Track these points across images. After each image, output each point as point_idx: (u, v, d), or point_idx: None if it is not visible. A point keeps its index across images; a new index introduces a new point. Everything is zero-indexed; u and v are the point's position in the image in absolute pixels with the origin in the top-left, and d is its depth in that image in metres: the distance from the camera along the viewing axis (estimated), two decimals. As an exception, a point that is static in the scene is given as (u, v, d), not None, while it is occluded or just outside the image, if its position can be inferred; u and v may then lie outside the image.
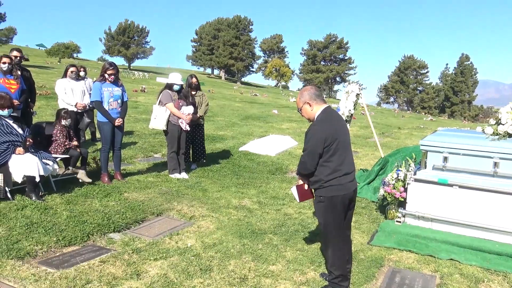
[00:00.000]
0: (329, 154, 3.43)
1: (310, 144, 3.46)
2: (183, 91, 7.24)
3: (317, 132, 3.44)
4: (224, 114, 20.00)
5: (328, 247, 3.70)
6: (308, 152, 3.48)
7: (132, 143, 9.88)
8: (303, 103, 3.61)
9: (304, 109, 3.64)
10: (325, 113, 3.56)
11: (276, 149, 10.31)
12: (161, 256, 4.04)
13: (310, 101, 3.58)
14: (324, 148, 3.41)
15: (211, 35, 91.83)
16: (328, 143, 3.41)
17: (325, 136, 3.40)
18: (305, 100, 3.60)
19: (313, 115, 3.59)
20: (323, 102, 3.61)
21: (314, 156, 3.44)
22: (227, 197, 6.23)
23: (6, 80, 6.58)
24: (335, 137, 3.45)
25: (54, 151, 5.95)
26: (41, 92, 18.72)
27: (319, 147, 3.41)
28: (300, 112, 3.71)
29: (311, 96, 3.59)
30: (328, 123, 3.50)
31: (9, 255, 3.75)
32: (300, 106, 3.66)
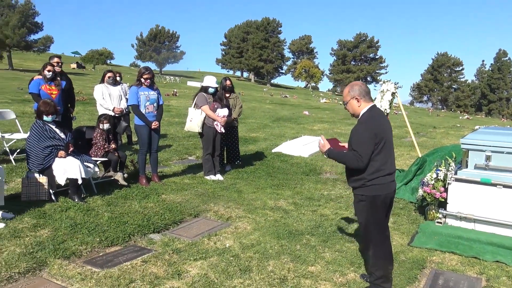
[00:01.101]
0: (375, 153, 3.37)
1: (361, 145, 3.35)
2: (218, 93, 7.31)
3: (367, 130, 3.36)
4: (255, 116, 20.07)
5: (368, 247, 3.65)
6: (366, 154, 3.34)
7: (167, 146, 10.05)
8: (352, 97, 3.52)
9: (351, 104, 3.54)
10: (372, 111, 3.49)
11: (309, 150, 10.25)
12: (200, 257, 4.08)
13: (359, 97, 3.49)
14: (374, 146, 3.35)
15: (240, 38, 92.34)
16: (377, 141, 3.35)
17: (375, 134, 3.34)
18: (354, 95, 3.51)
19: (359, 112, 3.52)
20: (370, 100, 3.55)
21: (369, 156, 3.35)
22: (262, 198, 6.24)
23: (48, 86, 6.86)
24: (383, 136, 3.39)
25: (94, 155, 6.13)
26: (78, 98, 19.29)
27: (370, 146, 3.34)
28: (345, 106, 3.63)
29: (361, 92, 3.50)
30: (377, 121, 3.43)
31: (56, 254, 3.88)
32: (347, 100, 3.56)
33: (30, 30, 57.78)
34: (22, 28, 55.32)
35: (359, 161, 3.36)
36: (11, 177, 6.22)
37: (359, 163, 3.37)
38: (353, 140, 3.45)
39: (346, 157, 3.48)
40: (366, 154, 3.34)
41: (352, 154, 3.40)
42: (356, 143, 3.40)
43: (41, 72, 6.93)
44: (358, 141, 3.38)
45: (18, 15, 55.12)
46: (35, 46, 59.32)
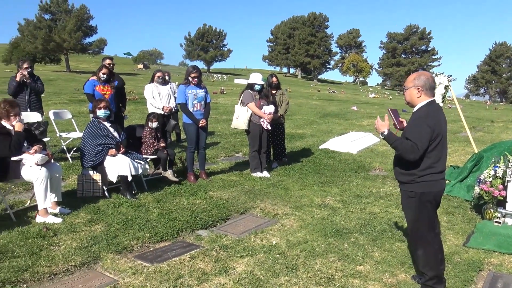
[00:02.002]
0: (430, 149, 3.23)
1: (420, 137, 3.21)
2: (264, 90, 7.31)
3: (426, 125, 3.22)
4: (302, 113, 19.91)
5: (418, 246, 3.51)
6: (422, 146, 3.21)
7: (214, 143, 10.19)
8: (414, 86, 3.36)
9: (410, 91, 3.38)
10: (431, 106, 3.33)
11: (357, 147, 10.04)
12: (247, 254, 4.09)
13: (422, 88, 3.33)
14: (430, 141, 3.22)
15: (286, 34, 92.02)
16: (433, 137, 3.21)
17: (433, 130, 3.20)
18: (418, 84, 3.35)
19: (416, 103, 3.37)
20: (432, 95, 3.39)
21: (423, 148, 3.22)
22: (309, 196, 6.17)
23: (102, 87, 7.14)
24: (439, 132, 3.24)
25: (144, 152, 6.31)
26: (130, 98, 20.02)
27: (427, 141, 3.20)
28: (404, 91, 3.49)
29: (425, 84, 3.34)
30: (436, 117, 3.27)
31: (109, 249, 4.03)
32: (408, 86, 3.40)
33: (85, 33, 60.51)
34: (78, 31, 58.05)
35: (415, 152, 3.21)
36: (68, 174, 6.54)
37: (414, 155, 3.22)
38: (410, 132, 3.30)
39: (403, 144, 3.28)
40: (422, 148, 3.21)
41: (411, 144, 3.25)
42: (414, 135, 3.25)
43: (96, 73, 7.23)
44: (417, 134, 3.23)
45: (74, 19, 57.87)
46: (90, 49, 62.04)
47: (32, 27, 57.97)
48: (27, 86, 7.23)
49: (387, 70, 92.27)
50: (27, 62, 7.31)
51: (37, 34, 56.63)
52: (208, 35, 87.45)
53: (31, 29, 57.61)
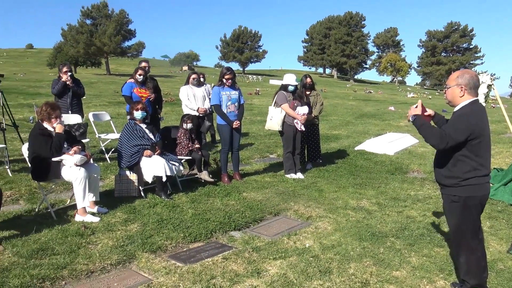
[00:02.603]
0: (471, 151, 3.10)
1: (454, 128, 3.11)
2: (298, 91, 7.24)
3: (466, 121, 3.10)
4: (338, 113, 19.67)
5: (461, 253, 3.36)
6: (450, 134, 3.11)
7: (248, 144, 10.21)
8: (457, 84, 3.23)
9: (453, 90, 3.26)
10: (475, 105, 3.19)
11: (394, 148, 9.79)
12: (280, 256, 4.06)
13: (466, 87, 3.21)
14: (468, 140, 3.09)
15: (322, 34, 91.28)
16: (472, 137, 3.07)
17: (473, 129, 3.07)
18: (461, 83, 3.22)
19: (458, 102, 3.24)
20: (476, 95, 3.25)
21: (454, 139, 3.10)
22: (344, 198, 6.06)
23: (139, 89, 7.30)
24: (482, 133, 3.10)
25: (179, 153, 6.40)
26: (166, 99, 20.43)
27: (462, 136, 3.07)
28: (445, 90, 3.36)
29: (469, 83, 3.21)
30: (479, 118, 3.13)
31: (143, 248, 4.10)
32: (451, 85, 3.27)
33: (124, 37, 62.28)
34: (117, 35, 59.84)
35: (443, 140, 3.10)
36: (106, 174, 6.72)
37: (441, 142, 3.11)
38: (447, 125, 3.20)
39: (432, 130, 3.20)
40: (453, 139, 3.08)
41: (440, 130, 3.13)
42: (449, 127, 3.16)
43: (133, 76, 7.40)
44: (452, 126, 3.13)
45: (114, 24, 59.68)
46: (129, 52, 63.82)
47: (75, 32, 60.25)
48: (70, 89, 7.49)
49: (427, 69, 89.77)
50: (66, 66, 7.58)
51: (79, 38, 58.81)
52: (243, 36, 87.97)
53: (74, 34, 59.88)
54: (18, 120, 10.38)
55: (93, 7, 62.46)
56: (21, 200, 5.49)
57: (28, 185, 5.83)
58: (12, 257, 3.75)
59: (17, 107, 15.61)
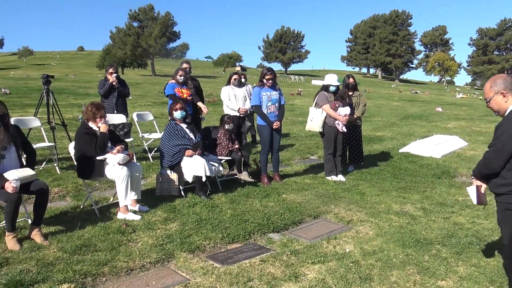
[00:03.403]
0: None
1: (499, 140, 2.95)
2: (340, 92, 7.09)
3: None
4: (382, 114, 19.19)
5: (514, 265, 3.14)
6: (495, 149, 2.96)
7: (289, 145, 10.13)
8: (496, 92, 3.06)
9: (495, 100, 3.08)
10: None
11: (442, 151, 9.40)
12: (318, 260, 3.96)
13: (506, 91, 3.02)
14: None
15: (366, 33, 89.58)
16: None
17: None
18: (498, 89, 3.04)
19: (505, 108, 3.04)
20: None
21: (502, 154, 2.91)
22: (387, 202, 5.87)
23: (180, 89, 7.39)
24: None
25: (219, 153, 6.42)
26: (209, 100, 20.69)
27: (510, 145, 2.90)
28: (487, 103, 3.17)
29: (506, 86, 3.03)
30: None
31: (182, 248, 4.12)
32: (490, 96, 3.10)
33: (169, 38, 63.82)
34: (162, 37, 61.37)
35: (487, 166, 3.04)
36: (148, 173, 6.85)
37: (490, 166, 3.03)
38: (493, 137, 3.02)
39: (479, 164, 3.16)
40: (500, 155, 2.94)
41: (484, 157, 3.01)
42: (494, 141, 3.00)
43: (174, 77, 7.51)
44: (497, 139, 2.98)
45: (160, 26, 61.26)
46: (174, 53, 65.34)
47: (122, 34, 62.37)
48: (115, 89, 7.72)
49: (477, 69, 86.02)
50: (112, 67, 7.82)
51: (126, 40, 60.83)
52: (286, 36, 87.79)
53: (121, 36, 62.01)
54: (67, 119, 10.83)
55: (140, 10, 64.41)
56: (67, 196, 5.69)
57: (75, 183, 6.03)
58: (57, 252, 3.88)
59: (67, 107, 16.31)
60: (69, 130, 7.76)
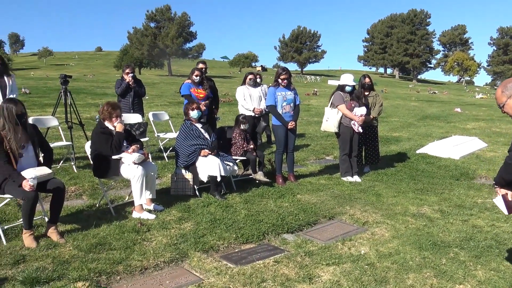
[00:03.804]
0: None
1: None
2: (356, 92, 7.02)
3: None
4: (399, 114, 18.96)
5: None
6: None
7: (304, 145, 10.07)
8: (508, 97, 2.99)
9: (509, 105, 3.01)
10: None
11: (460, 152, 9.22)
12: (333, 262, 3.92)
13: None
14: None
15: (383, 33, 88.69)
16: None
17: None
18: (511, 93, 2.98)
19: None
20: None
21: None
22: (403, 203, 5.78)
23: (196, 89, 7.41)
24: None
25: (234, 153, 6.41)
26: (225, 100, 20.74)
27: None
28: (501, 109, 3.09)
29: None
30: None
31: (196, 247, 4.12)
32: (503, 101, 3.04)
33: (186, 39, 64.22)
34: (179, 38, 61.76)
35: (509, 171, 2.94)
36: (163, 172, 6.89)
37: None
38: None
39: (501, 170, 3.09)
40: None
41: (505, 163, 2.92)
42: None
43: (190, 77, 7.53)
44: None
45: (176, 26, 61.68)
46: (190, 53, 65.70)
47: (139, 34, 62.98)
48: (132, 89, 7.78)
49: (498, 69, 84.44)
50: (129, 68, 7.88)
51: (143, 41, 61.42)
52: (302, 36, 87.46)
53: (139, 36, 62.63)
54: (85, 119, 10.97)
55: (157, 10, 64.96)
56: (84, 195, 5.75)
57: (91, 181, 6.10)
58: (72, 250, 3.92)
59: (85, 107, 16.53)
60: (86, 129, 7.85)
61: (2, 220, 4.51)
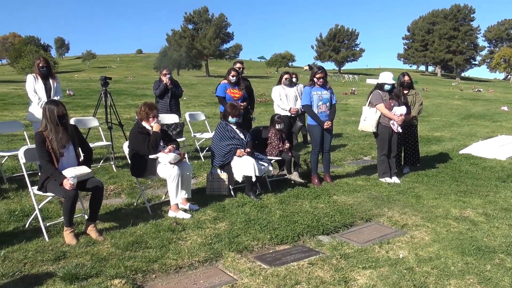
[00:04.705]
0: None
1: None
2: (395, 90, 6.82)
3: None
4: (441, 114, 18.35)
5: None
6: None
7: (341, 145, 9.91)
8: None
9: None
10: None
11: (507, 152, 8.79)
12: (370, 265, 3.81)
13: None
14: None
15: (424, 29, 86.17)
16: None
17: None
18: None
19: None
20: None
21: None
22: (445, 206, 5.56)
23: (231, 90, 7.44)
24: None
25: (269, 153, 6.38)
26: (261, 100, 20.76)
27: None
28: None
29: None
30: None
31: (230, 247, 4.11)
32: None
33: (223, 40, 64.81)
34: (216, 39, 62.42)
35: None
36: (199, 172, 6.95)
37: None
38: None
39: None
40: None
41: None
42: None
43: (226, 77, 7.57)
44: None
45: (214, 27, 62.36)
46: (227, 54, 66.26)
47: (178, 36, 64.13)
48: (169, 90, 7.91)
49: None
50: (166, 69, 8.02)
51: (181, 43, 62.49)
52: (340, 35, 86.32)
53: (177, 38, 63.79)
54: (125, 119, 11.27)
55: (195, 12, 65.92)
56: (122, 194, 5.88)
57: (129, 181, 6.23)
58: (110, 248, 4.01)
59: (126, 108, 16.99)
60: (125, 129, 8.04)
61: (45, 218, 4.67)
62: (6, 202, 5.26)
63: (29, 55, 55.43)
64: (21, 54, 59.70)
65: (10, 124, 7.43)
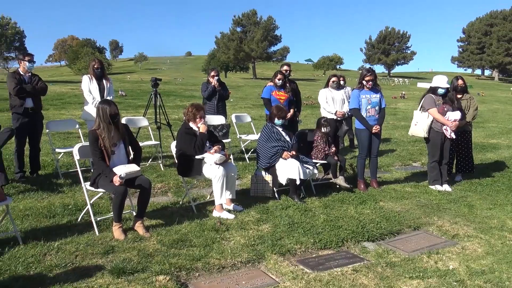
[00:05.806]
0: None
1: None
2: (449, 95, 6.55)
3: None
4: (498, 120, 17.44)
5: None
6: None
7: (389, 150, 9.65)
8: None
9: None
10: None
11: None
12: (417, 276, 3.67)
13: None
14: None
15: (481, 32, 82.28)
16: None
17: None
18: None
19: None
20: None
21: None
22: (500, 217, 5.26)
23: (277, 92, 7.43)
24: None
25: (314, 157, 6.31)
26: (307, 102, 20.63)
27: None
28: None
29: None
30: None
31: (273, 250, 4.10)
32: None
33: (270, 42, 64.98)
34: (264, 41, 62.71)
35: None
36: (244, 173, 6.98)
37: None
38: None
39: None
40: None
41: None
42: None
43: (273, 79, 7.57)
44: None
45: (262, 30, 62.67)
46: (274, 57, 66.35)
47: (226, 39, 64.98)
48: (217, 92, 8.02)
49: None
50: (214, 71, 8.13)
51: (230, 45, 63.26)
52: (390, 37, 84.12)
53: (225, 41, 64.65)
54: (173, 120, 11.55)
55: (243, 15, 66.53)
56: (169, 192, 6.02)
57: (176, 180, 6.36)
58: (156, 244, 4.11)
59: (174, 108, 17.41)
60: (173, 129, 8.23)
61: (96, 212, 4.86)
62: (61, 197, 5.53)
63: (85, 57, 58.15)
64: (78, 56, 62.78)
65: (66, 122, 7.84)
